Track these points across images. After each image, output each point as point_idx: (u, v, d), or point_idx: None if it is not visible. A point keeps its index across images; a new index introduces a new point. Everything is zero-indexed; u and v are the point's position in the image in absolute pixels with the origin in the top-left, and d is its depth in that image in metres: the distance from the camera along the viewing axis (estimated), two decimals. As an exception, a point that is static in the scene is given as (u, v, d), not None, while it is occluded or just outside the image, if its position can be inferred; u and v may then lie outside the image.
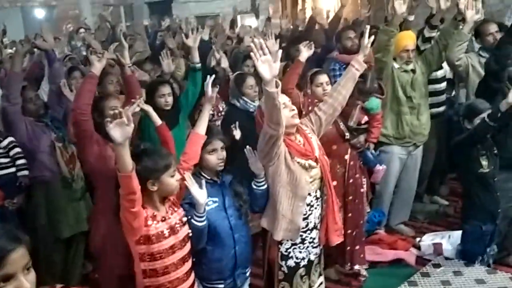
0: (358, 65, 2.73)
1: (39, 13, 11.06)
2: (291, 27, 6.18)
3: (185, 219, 2.28)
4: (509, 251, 3.64)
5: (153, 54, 5.89)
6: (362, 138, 3.58)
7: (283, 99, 2.50)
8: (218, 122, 4.10)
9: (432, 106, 4.40)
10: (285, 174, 2.51)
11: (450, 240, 3.78)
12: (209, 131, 2.57)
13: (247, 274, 2.69)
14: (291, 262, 2.65)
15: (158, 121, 2.82)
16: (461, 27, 3.89)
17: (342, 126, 3.42)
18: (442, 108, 4.55)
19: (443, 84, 4.49)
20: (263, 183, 2.57)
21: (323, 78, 3.41)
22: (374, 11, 5.80)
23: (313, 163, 2.58)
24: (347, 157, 3.47)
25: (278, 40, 4.29)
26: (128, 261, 2.24)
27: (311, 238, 2.66)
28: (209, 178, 2.51)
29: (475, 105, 3.25)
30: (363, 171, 3.65)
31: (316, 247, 2.71)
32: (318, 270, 2.79)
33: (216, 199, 2.48)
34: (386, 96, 3.83)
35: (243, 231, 2.54)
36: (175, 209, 2.27)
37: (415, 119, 3.94)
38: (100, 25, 8.07)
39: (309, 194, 2.58)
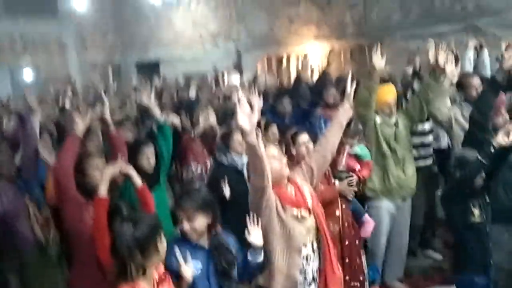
0: (344, 112, 2.86)
1: (27, 74, 11.14)
2: (276, 83, 6.30)
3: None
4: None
5: (140, 114, 5.91)
6: (353, 183, 3.52)
7: (272, 151, 2.56)
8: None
9: (419, 158, 4.40)
10: (278, 226, 2.47)
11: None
12: (186, 195, 2.44)
13: None
14: None
15: (139, 182, 2.76)
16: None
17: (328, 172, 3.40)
18: (429, 161, 4.55)
19: (430, 137, 4.52)
20: (260, 255, 2.40)
21: (304, 137, 3.40)
22: (357, 67, 5.93)
23: (306, 214, 2.56)
24: (338, 213, 3.42)
25: (261, 96, 4.33)
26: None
27: None
28: (195, 243, 2.38)
29: (464, 154, 3.21)
30: (356, 229, 3.57)
31: None
32: None
33: (200, 265, 2.35)
34: (371, 150, 3.84)
35: None
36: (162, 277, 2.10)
37: (401, 172, 3.92)
38: (88, 86, 8.12)
39: (305, 245, 2.52)
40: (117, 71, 12.35)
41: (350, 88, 2.89)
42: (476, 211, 3.09)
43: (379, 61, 3.65)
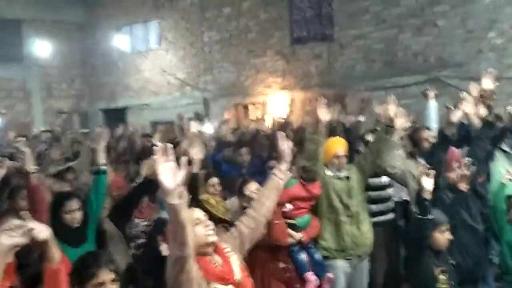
0: (280, 174, 2.55)
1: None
2: (236, 132, 6.16)
3: None
4: None
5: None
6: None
7: (197, 214, 2.24)
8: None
9: (379, 213, 4.21)
10: None
11: None
12: (95, 259, 2.08)
13: None
14: None
15: (56, 258, 2.34)
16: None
17: None
18: (390, 215, 4.36)
19: (389, 191, 4.34)
20: None
21: (253, 186, 3.20)
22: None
23: None
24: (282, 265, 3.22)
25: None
26: None
27: None
28: None
29: (416, 224, 3.01)
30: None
31: None
32: None
33: None
34: (322, 206, 3.64)
35: None
36: None
37: (355, 229, 3.68)
38: (38, 134, 7.84)
39: None
40: (84, 118, 12.12)
41: (285, 147, 2.58)
42: (442, 277, 2.84)
43: (324, 113, 3.53)
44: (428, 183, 2.83)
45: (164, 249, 3.02)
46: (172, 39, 10.32)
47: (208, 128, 8.52)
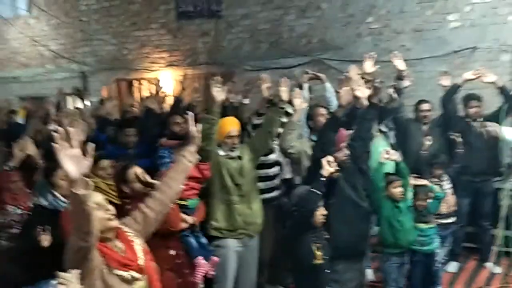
0: (190, 156, 2.51)
1: None
2: (116, 110, 5.80)
3: None
4: None
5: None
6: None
7: (96, 198, 2.12)
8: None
9: (264, 191, 4.29)
10: None
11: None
12: None
13: None
14: None
15: None
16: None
17: None
18: (275, 193, 4.46)
19: (275, 169, 4.43)
20: None
21: (137, 170, 3.04)
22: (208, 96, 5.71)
23: (137, 275, 2.14)
24: (172, 252, 3.14)
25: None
26: None
27: None
28: None
29: (308, 197, 3.10)
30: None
31: None
32: None
33: None
34: (214, 186, 3.60)
35: None
36: None
37: (246, 208, 3.73)
38: None
39: None
40: None
41: (193, 127, 2.56)
42: (318, 253, 2.99)
43: (219, 93, 3.48)
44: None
45: (44, 240, 2.77)
46: (43, 6, 9.39)
47: (88, 104, 7.97)
